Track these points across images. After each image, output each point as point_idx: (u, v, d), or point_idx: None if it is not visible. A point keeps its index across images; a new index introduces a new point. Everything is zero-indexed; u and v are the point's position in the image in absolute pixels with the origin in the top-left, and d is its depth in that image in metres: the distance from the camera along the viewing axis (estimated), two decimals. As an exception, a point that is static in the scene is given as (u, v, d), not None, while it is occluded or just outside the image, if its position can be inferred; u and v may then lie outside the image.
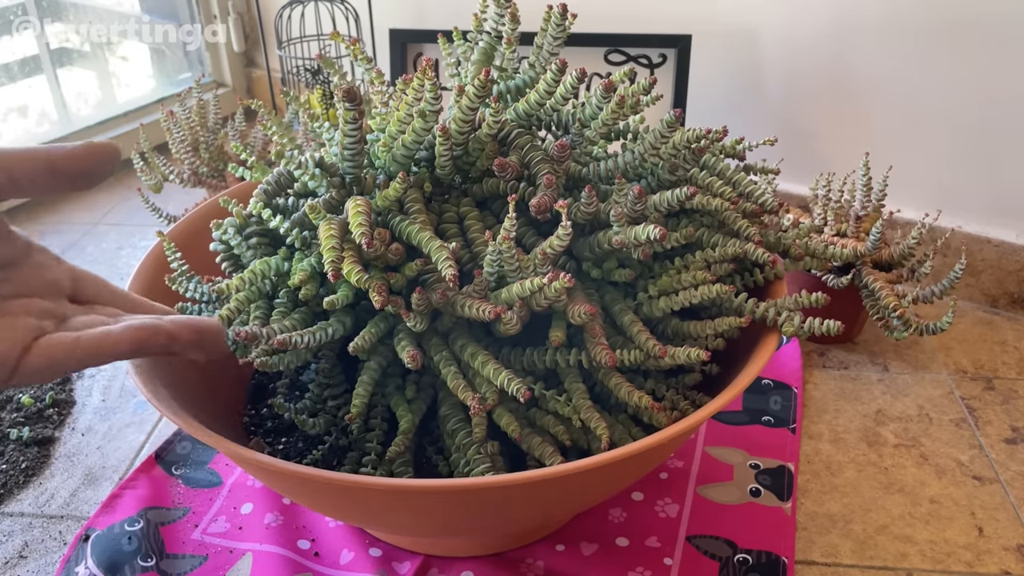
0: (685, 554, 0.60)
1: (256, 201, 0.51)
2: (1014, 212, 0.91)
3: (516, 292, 0.44)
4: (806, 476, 0.69)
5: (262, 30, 1.38)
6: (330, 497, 0.47)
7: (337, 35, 0.57)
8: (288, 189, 0.53)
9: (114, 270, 1.02)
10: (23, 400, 0.77)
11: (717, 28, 1.01)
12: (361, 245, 0.44)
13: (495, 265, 0.46)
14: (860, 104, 0.96)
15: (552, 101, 0.50)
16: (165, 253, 0.54)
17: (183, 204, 1.05)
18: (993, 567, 0.61)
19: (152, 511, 0.64)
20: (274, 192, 0.53)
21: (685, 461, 0.69)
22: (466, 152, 0.50)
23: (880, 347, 0.86)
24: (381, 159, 0.50)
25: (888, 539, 0.63)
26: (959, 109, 0.90)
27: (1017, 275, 0.92)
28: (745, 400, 0.76)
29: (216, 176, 0.98)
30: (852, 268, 0.78)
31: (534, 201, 0.47)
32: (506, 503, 0.46)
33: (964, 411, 0.77)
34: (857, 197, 0.80)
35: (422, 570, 0.59)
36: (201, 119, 0.97)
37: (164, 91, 1.41)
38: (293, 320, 0.48)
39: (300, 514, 0.64)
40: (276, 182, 0.53)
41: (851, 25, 0.93)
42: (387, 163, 0.50)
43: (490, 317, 0.44)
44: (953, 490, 0.68)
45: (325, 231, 0.45)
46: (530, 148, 0.51)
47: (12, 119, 1.22)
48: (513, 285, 0.45)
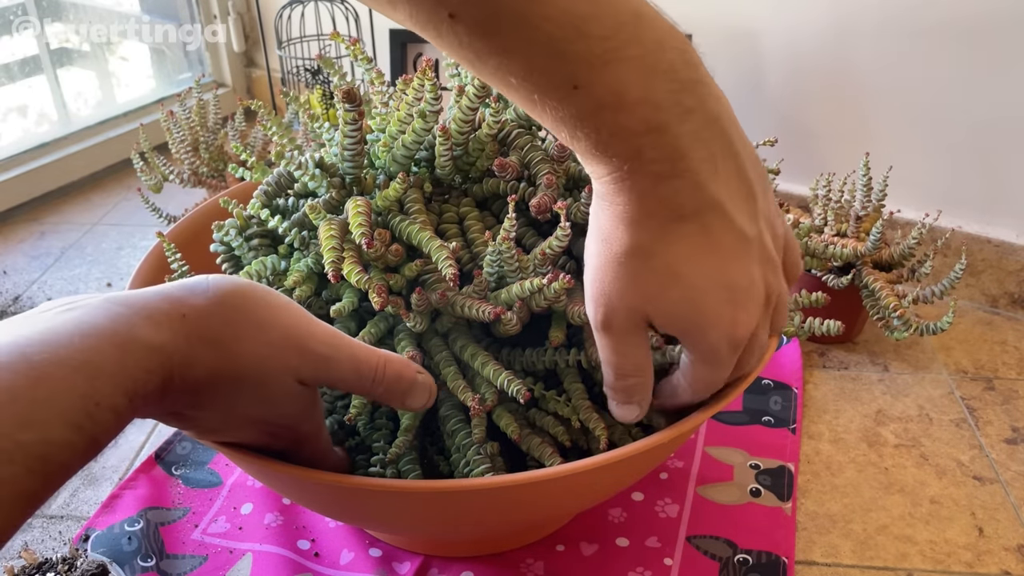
0: (685, 554, 0.60)
1: (255, 202, 0.51)
2: (1014, 212, 0.91)
3: (516, 293, 0.44)
4: (806, 476, 0.69)
5: (262, 30, 1.38)
6: (329, 498, 0.47)
7: (337, 35, 0.57)
8: (288, 190, 0.53)
9: (114, 270, 1.02)
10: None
11: (717, 28, 1.01)
12: (361, 246, 0.44)
13: (495, 265, 0.46)
14: (860, 104, 0.96)
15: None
16: (165, 254, 0.54)
17: (183, 204, 1.05)
18: (993, 567, 0.61)
19: (152, 511, 0.64)
20: (274, 193, 0.53)
21: (685, 461, 0.69)
22: (466, 152, 0.50)
23: (880, 347, 0.86)
24: (381, 159, 0.50)
25: (888, 539, 0.63)
26: (959, 109, 0.90)
27: (1017, 275, 0.92)
28: (745, 400, 0.76)
29: (216, 176, 0.98)
30: (852, 268, 0.78)
31: (534, 201, 0.47)
32: (506, 504, 0.46)
33: (964, 411, 0.77)
34: (857, 197, 0.80)
35: (422, 570, 0.59)
36: (201, 119, 0.97)
37: (164, 91, 1.41)
38: None
39: (300, 514, 0.64)
40: (276, 183, 0.53)
41: (851, 25, 0.93)
42: (387, 163, 0.50)
43: (490, 318, 0.44)
44: (953, 490, 0.68)
45: (325, 231, 0.45)
46: (530, 148, 0.51)
47: (12, 119, 1.22)
48: (513, 286, 0.45)
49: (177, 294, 0.35)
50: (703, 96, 0.34)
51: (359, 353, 0.40)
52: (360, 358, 0.40)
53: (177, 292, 0.35)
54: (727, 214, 0.36)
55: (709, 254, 0.36)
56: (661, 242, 0.36)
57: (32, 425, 0.28)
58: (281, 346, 0.37)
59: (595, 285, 0.39)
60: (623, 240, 0.36)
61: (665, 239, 0.36)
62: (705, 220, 0.35)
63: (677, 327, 0.38)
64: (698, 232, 0.36)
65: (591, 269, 0.39)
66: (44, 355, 0.29)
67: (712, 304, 0.37)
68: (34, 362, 0.29)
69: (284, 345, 0.37)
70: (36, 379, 0.29)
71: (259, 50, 1.45)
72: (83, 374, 0.30)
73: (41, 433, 0.28)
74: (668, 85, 0.33)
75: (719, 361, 0.39)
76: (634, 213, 0.35)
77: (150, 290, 0.35)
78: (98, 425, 0.30)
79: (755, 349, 0.41)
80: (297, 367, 0.38)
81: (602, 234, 0.37)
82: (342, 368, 0.39)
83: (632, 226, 0.36)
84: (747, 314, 0.38)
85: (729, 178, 0.35)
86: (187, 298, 0.35)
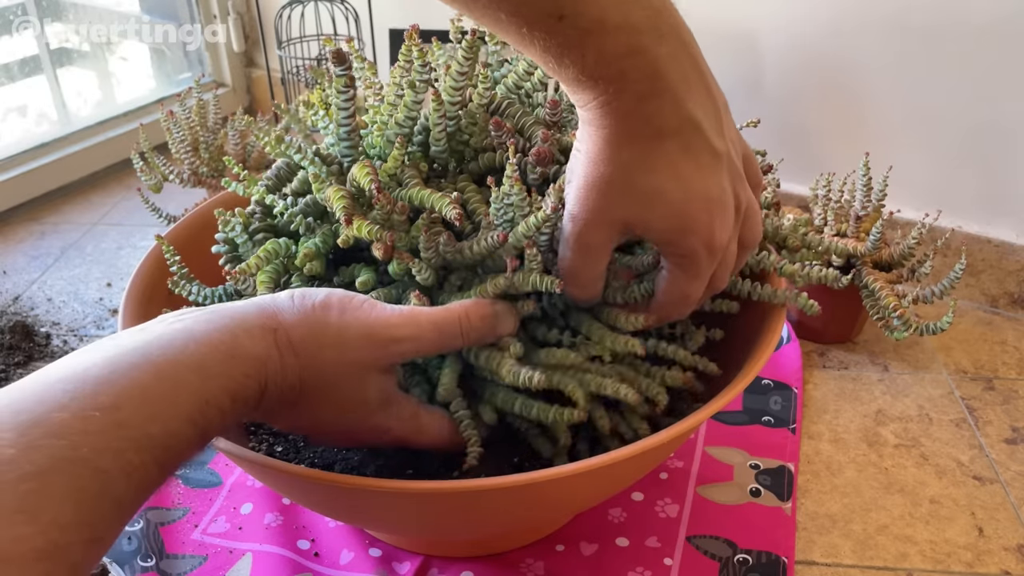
0: (685, 554, 0.60)
1: (260, 188, 0.52)
2: (1014, 212, 0.91)
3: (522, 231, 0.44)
4: (806, 476, 0.69)
5: (262, 30, 1.38)
6: (329, 498, 0.47)
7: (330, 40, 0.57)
8: (288, 183, 0.54)
9: (114, 270, 1.02)
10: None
11: (717, 28, 1.01)
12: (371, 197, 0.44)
13: (501, 214, 0.45)
14: (860, 104, 0.96)
15: (539, 73, 0.51)
16: (164, 257, 0.54)
17: (183, 204, 1.05)
18: (993, 567, 0.61)
19: (152, 511, 0.64)
20: (274, 187, 0.53)
21: (685, 461, 0.69)
22: (459, 130, 0.50)
23: (880, 347, 0.86)
24: (377, 147, 0.51)
25: (888, 539, 0.63)
26: (959, 109, 0.90)
27: (1017, 275, 0.92)
28: (745, 400, 0.76)
29: (216, 176, 0.98)
30: (852, 268, 0.78)
31: (535, 150, 0.47)
32: (506, 504, 0.46)
33: (964, 411, 0.77)
34: (857, 197, 0.80)
35: (422, 570, 0.59)
36: (201, 119, 0.97)
37: (164, 91, 1.41)
38: None
39: (300, 514, 0.64)
40: (276, 176, 0.53)
41: (851, 26, 0.93)
42: (382, 148, 0.50)
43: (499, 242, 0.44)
44: (953, 490, 0.68)
45: (335, 192, 0.46)
46: (522, 115, 0.51)
47: (12, 119, 1.22)
48: (518, 226, 0.44)
49: (270, 309, 0.39)
50: (674, 22, 0.38)
51: (437, 318, 0.42)
52: (440, 321, 0.42)
53: (270, 307, 0.40)
54: (703, 131, 0.39)
55: (689, 169, 0.40)
56: (646, 160, 0.39)
57: (158, 418, 0.32)
58: (361, 345, 0.41)
59: (580, 204, 0.41)
60: (612, 160, 0.39)
61: (650, 157, 0.39)
62: (684, 138, 0.39)
63: (659, 236, 0.42)
64: (679, 149, 0.39)
65: (575, 189, 0.42)
66: (165, 358, 0.34)
67: (692, 213, 0.40)
68: (158, 364, 0.33)
69: (364, 344, 0.41)
70: (160, 378, 0.33)
71: (259, 50, 1.45)
72: (198, 375, 0.34)
73: (165, 426, 0.32)
74: (644, 12, 0.37)
75: (697, 267, 0.42)
76: (620, 134, 0.39)
77: (247, 304, 0.39)
78: (208, 421, 0.34)
79: (728, 261, 0.44)
80: (379, 357, 0.41)
81: (589, 157, 0.40)
82: (427, 339, 0.42)
83: (619, 147, 0.39)
84: (723, 222, 0.41)
85: (701, 96, 0.39)
86: (277, 313, 0.39)
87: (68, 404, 0.30)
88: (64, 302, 0.95)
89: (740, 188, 0.43)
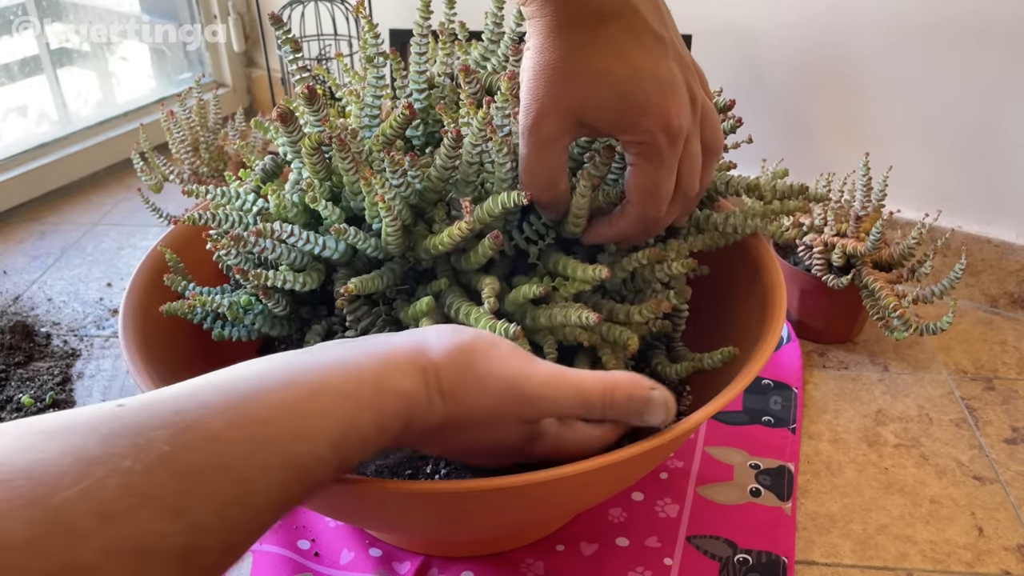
0: (685, 554, 0.60)
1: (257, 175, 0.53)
2: (1014, 212, 0.91)
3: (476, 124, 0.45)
4: (806, 476, 0.69)
5: (262, 30, 1.38)
6: (329, 498, 0.47)
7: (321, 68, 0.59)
8: (276, 177, 0.54)
9: (114, 270, 1.02)
10: (23, 400, 0.77)
11: (717, 28, 1.01)
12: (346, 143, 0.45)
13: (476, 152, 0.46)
14: (860, 103, 0.96)
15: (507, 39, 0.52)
16: (167, 261, 0.54)
17: (183, 204, 1.05)
18: (993, 567, 0.61)
19: (152, 511, 0.64)
20: (272, 173, 0.54)
21: (685, 461, 0.69)
22: (430, 106, 0.51)
23: (880, 347, 0.86)
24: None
25: (888, 539, 0.63)
26: (959, 109, 0.90)
27: (1017, 275, 0.92)
28: (745, 400, 0.76)
29: (216, 176, 0.98)
30: (852, 268, 0.78)
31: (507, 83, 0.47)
32: (506, 504, 0.46)
33: (964, 411, 0.77)
34: (857, 197, 0.80)
35: (422, 570, 0.59)
36: (201, 119, 0.97)
37: (164, 91, 1.41)
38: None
39: (300, 514, 0.64)
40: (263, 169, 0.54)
41: (851, 25, 0.93)
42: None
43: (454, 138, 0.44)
44: (953, 490, 0.68)
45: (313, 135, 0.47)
46: (488, 75, 0.52)
47: (12, 119, 1.22)
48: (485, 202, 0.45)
49: (419, 346, 0.39)
50: None
51: (584, 384, 0.41)
52: (586, 389, 0.41)
53: (419, 344, 0.39)
54: (643, 16, 0.41)
55: (633, 50, 0.41)
56: (590, 44, 0.41)
57: (304, 438, 0.33)
58: (501, 396, 0.40)
59: (530, 94, 0.42)
60: (555, 47, 0.41)
61: (594, 41, 0.41)
62: (625, 20, 0.41)
63: (611, 120, 0.42)
64: (621, 32, 0.41)
65: (525, 81, 0.43)
66: (318, 382, 0.34)
67: (642, 93, 0.41)
68: (311, 386, 0.34)
69: (504, 396, 0.40)
70: (311, 399, 0.34)
71: (259, 50, 1.45)
72: (349, 401, 0.35)
73: (310, 446, 0.33)
74: None
75: (659, 154, 0.43)
76: (561, 21, 0.41)
77: (396, 339, 0.40)
78: (350, 448, 0.35)
79: (693, 160, 0.45)
80: (518, 412, 0.40)
81: (535, 48, 0.42)
82: (566, 403, 0.41)
83: (562, 34, 0.41)
84: (676, 104, 0.42)
85: None
86: (426, 352, 0.39)
87: (224, 411, 0.31)
88: (64, 302, 0.95)
89: (692, 82, 0.43)
